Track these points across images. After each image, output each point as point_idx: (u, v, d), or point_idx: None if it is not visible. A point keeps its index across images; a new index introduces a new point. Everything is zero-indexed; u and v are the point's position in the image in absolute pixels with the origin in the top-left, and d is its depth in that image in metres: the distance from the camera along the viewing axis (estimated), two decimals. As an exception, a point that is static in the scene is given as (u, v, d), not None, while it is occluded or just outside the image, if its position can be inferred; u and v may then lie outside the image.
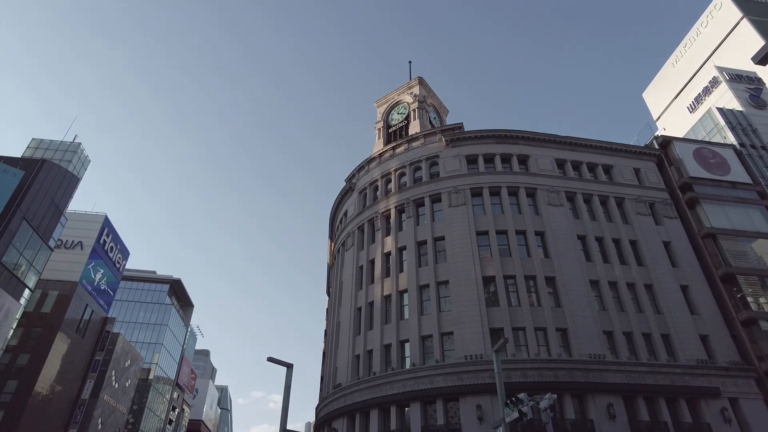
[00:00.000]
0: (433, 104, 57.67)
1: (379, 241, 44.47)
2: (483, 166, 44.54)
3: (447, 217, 41.55)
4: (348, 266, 47.35)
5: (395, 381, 34.92)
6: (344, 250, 49.66)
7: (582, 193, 43.93)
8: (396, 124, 55.19)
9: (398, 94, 57.79)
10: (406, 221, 43.69)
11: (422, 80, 56.63)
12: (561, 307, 36.04)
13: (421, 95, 55.22)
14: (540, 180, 43.63)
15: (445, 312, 36.60)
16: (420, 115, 52.98)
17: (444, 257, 39.53)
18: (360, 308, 42.77)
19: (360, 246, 47.14)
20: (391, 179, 47.96)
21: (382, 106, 58.56)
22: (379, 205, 47.01)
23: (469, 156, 45.27)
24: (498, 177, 43.37)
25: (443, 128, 47.50)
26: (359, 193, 50.94)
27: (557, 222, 40.85)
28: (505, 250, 39.07)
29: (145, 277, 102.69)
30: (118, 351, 69.87)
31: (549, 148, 46.34)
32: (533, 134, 46.34)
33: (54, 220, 50.14)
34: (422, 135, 48.13)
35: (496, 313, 35.34)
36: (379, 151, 50.74)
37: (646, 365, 33.95)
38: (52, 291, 57.07)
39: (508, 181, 43.11)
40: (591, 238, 40.79)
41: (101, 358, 64.45)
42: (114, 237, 68.91)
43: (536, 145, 46.27)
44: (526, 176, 43.77)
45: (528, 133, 46.28)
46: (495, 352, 21.17)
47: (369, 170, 51.21)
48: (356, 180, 52.54)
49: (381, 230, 45.15)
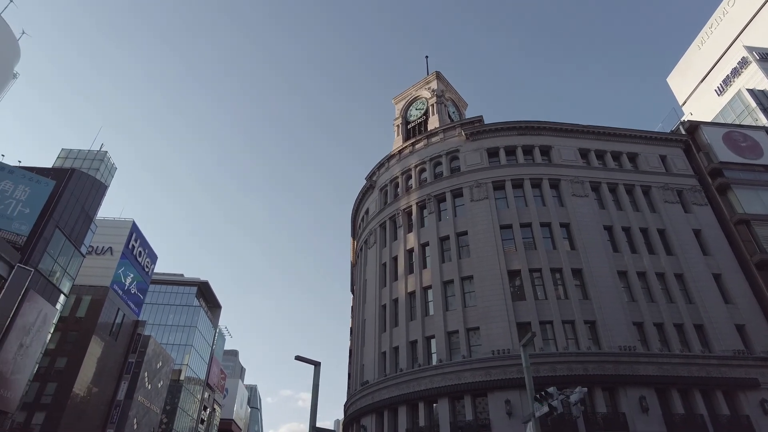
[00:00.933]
0: (452, 98, 57.30)
1: (402, 238, 44.43)
2: (504, 158, 44.05)
3: (469, 211, 41.27)
4: (371, 264, 47.49)
5: (422, 377, 34.89)
6: (367, 248, 49.80)
7: (607, 183, 43.15)
8: (415, 120, 55.04)
9: (416, 90, 57.52)
10: (428, 217, 43.53)
11: (440, 75, 56.24)
12: (589, 299, 35.51)
13: (439, 90, 54.81)
14: (563, 171, 43.02)
15: (470, 307, 36.41)
16: (438, 109, 52.60)
17: (467, 252, 39.35)
18: (384, 305, 42.91)
19: (382, 243, 47.21)
20: (412, 175, 47.81)
21: (400, 103, 58.36)
22: (400, 202, 46.92)
23: (489, 149, 44.82)
24: (520, 169, 42.85)
25: (462, 122, 47.19)
26: (380, 191, 50.99)
27: (582, 213, 40.28)
28: (529, 243, 38.68)
29: (173, 280, 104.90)
30: (150, 353, 71.65)
31: (572, 138, 45.62)
32: (555, 124, 45.69)
33: (85, 227, 51.65)
34: (441, 130, 47.81)
35: (523, 307, 35.02)
36: (399, 148, 50.56)
37: (679, 357, 33.24)
38: (85, 296, 58.79)
39: (531, 173, 42.61)
40: (617, 229, 40.11)
41: (134, 360, 66.19)
42: (142, 242, 70.51)
43: (559, 136, 45.59)
44: (549, 167, 43.20)
45: (550, 124, 45.64)
46: (522, 347, 21.01)
47: (389, 167, 51.15)
48: (376, 177, 52.55)
49: (403, 227, 45.09)
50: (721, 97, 66.55)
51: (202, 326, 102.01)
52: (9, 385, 39.97)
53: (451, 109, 55.62)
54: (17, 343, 40.94)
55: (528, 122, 45.49)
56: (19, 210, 43.40)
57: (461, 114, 58.37)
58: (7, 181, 44.15)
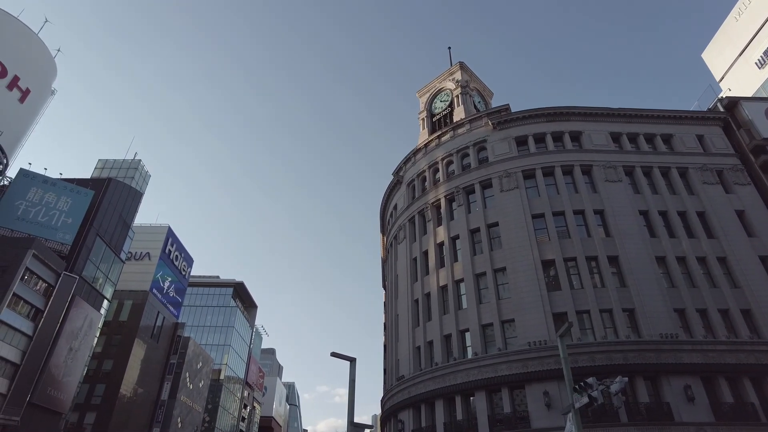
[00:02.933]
0: (477, 88, 56.94)
1: (431, 232, 44.52)
2: (534, 146, 43.68)
3: (499, 202, 41.13)
4: (402, 259, 47.71)
5: (458, 371, 35.00)
6: (396, 244, 50.01)
7: (641, 167, 42.33)
8: (440, 113, 54.96)
9: (440, 82, 57.30)
10: (457, 210, 43.58)
11: (463, 65, 55.94)
12: (626, 286, 35.12)
13: (464, 80, 54.59)
14: (595, 156, 42.38)
15: (504, 299, 36.48)
16: (464, 100, 52.33)
17: (499, 243, 39.30)
18: (417, 300, 43.10)
19: (412, 238, 47.32)
20: (439, 168, 47.78)
21: (424, 96, 58.26)
22: (428, 196, 46.96)
23: (518, 138, 44.50)
24: (550, 157, 42.44)
25: (489, 111, 46.99)
26: (407, 186, 51.07)
27: (616, 198, 39.67)
28: (563, 231, 38.49)
29: (210, 282, 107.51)
30: (190, 354, 73.87)
31: (602, 122, 44.81)
32: (584, 109, 44.96)
33: (123, 234, 53.73)
34: (467, 120, 47.61)
35: (558, 297, 34.89)
36: (425, 141, 50.55)
37: (725, 343, 32.31)
38: (126, 300, 61.11)
39: (562, 160, 42.15)
40: (654, 213, 39.41)
41: (175, 362, 68.37)
42: (178, 246, 72.67)
43: (589, 120, 44.83)
44: (580, 153, 42.66)
45: (579, 108, 44.94)
46: (560, 337, 20.83)
47: (415, 162, 51.19)
48: (403, 173, 52.68)
49: (432, 221, 45.15)
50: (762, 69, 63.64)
51: (239, 326, 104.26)
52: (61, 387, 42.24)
53: (476, 99, 55.32)
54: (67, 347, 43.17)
55: (556, 108, 44.83)
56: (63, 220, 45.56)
57: (487, 103, 58.00)
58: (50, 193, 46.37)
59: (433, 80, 58.24)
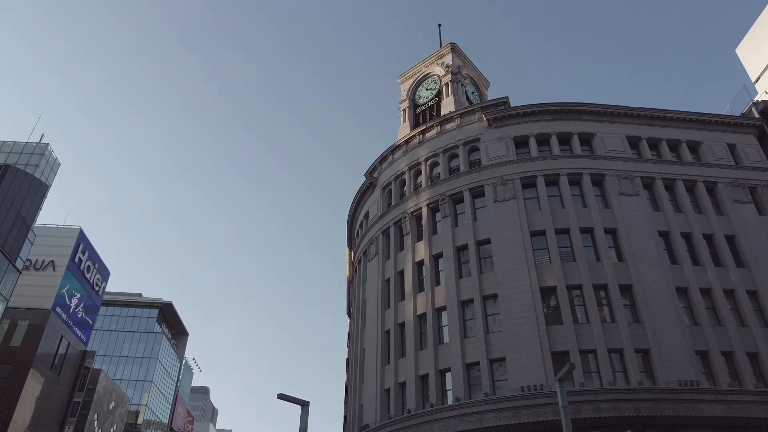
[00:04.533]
0: (470, 76, 57.14)
1: (409, 248, 44.24)
2: (536, 149, 43.72)
3: (492, 214, 40.94)
4: (372, 280, 47.29)
5: (435, 420, 34.42)
6: (366, 261, 49.67)
7: (662, 179, 42.86)
8: (425, 103, 54.84)
9: (426, 66, 57.47)
10: (442, 222, 43.35)
11: (455, 47, 55.84)
12: (640, 322, 35.24)
13: (455, 65, 54.72)
14: (609, 164, 42.66)
15: (494, 333, 36.20)
16: (454, 89, 52.45)
17: (490, 265, 39.06)
18: (388, 331, 42.60)
19: (386, 254, 47.00)
20: (421, 171, 47.61)
21: (407, 82, 58.17)
22: (407, 204, 46.63)
23: (517, 138, 44.52)
24: (556, 162, 42.51)
25: (484, 104, 47.01)
26: (382, 190, 50.73)
27: (632, 216, 39.96)
28: (567, 253, 38.47)
29: (130, 300, 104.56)
30: (101, 391, 71.66)
31: (619, 124, 45.35)
32: (598, 107, 45.34)
33: (21, 236, 51.88)
34: (458, 114, 47.58)
35: (559, 332, 34.77)
36: (405, 137, 50.27)
37: (753, 393, 32.59)
38: (21, 321, 58.73)
39: (569, 167, 42.29)
40: (676, 235, 39.85)
41: (81, 400, 66.12)
42: (91, 254, 70.67)
43: (603, 121, 45.26)
44: (591, 160, 42.91)
45: (592, 106, 45.31)
46: (559, 382, 20.85)
47: (393, 161, 50.90)
48: (378, 174, 52.22)
49: (411, 234, 44.89)
50: (804, 71, 65.69)
51: (164, 357, 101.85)
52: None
53: (469, 89, 55.20)
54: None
55: (565, 104, 45.03)
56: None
57: (482, 95, 57.98)
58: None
59: (418, 64, 58.34)
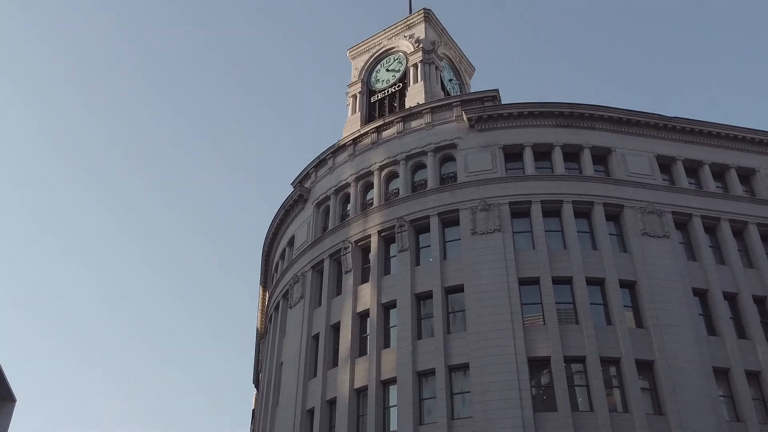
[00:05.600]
0: (449, 57, 57.09)
1: (350, 292, 42.62)
2: (533, 165, 42.68)
3: (468, 251, 39.53)
4: (293, 335, 46.17)
5: None
6: (287, 306, 48.51)
7: (702, 216, 41.71)
8: (384, 89, 54.81)
9: (389, 39, 56.93)
10: (398, 258, 41.88)
11: (431, 15, 55.52)
12: (663, 414, 33.93)
13: (429, 41, 53.97)
14: (630, 192, 41.51)
15: (461, 420, 34.75)
16: (425, 73, 51.66)
17: (462, 322, 37.87)
18: (312, 410, 41.02)
19: (315, 299, 45.71)
20: (374, 183, 46.24)
21: (360, 58, 57.83)
22: (350, 229, 45.31)
23: (508, 147, 43.44)
24: (559, 185, 41.60)
25: (465, 97, 46.27)
26: (317, 207, 49.59)
27: (659, 265, 38.81)
28: (567, 311, 37.40)
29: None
30: None
31: (647, 138, 44.46)
32: (621, 113, 44.39)
33: None
34: (428, 108, 46.19)
35: (551, 423, 33.42)
36: (354, 134, 48.81)
37: None
38: None
39: (576, 192, 41.17)
40: (716, 295, 38.51)
41: None
42: None
43: (625, 133, 44.29)
44: (606, 185, 41.86)
45: (612, 111, 44.29)
46: None
47: (334, 167, 49.47)
48: (311, 183, 51.14)
49: (353, 272, 43.43)
50: None
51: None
52: None
53: (446, 75, 55.11)
54: None
55: (575, 106, 43.85)
56: None
57: (464, 84, 58.31)
58: None
59: (377, 34, 57.91)
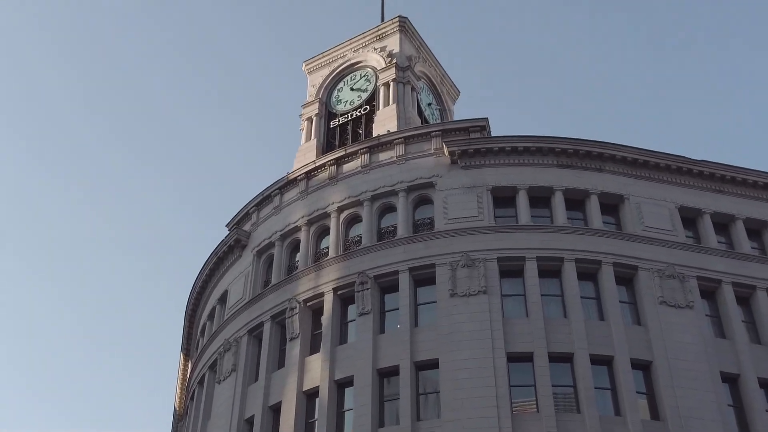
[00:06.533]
0: (428, 76, 57.58)
1: (295, 364, 41.26)
2: (527, 213, 42.26)
3: (446, 318, 38.52)
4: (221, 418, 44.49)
5: None
6: (215, 381, 47.53)
7: (734, 283, 41.17)
8: (347, 111, 54.76)
9: (355, 50, 57.09)
10: (358, 323, 40.70)
11: (407, 24, 55.74)
12: None
13: (404, 55, 54.07)
14: (647, 250, 40.99)
15: None
16: (399, 95, 51.57)
17: (435, 407, 37.05)
18: None
19: (251, 373, 44.33)
20: (330, 228, 45.14)
21: (320, 72, 57.84)
22: (299, 284, 44.13)
23: (498, 190, 43.03)
24: (559, 238, 41.10)
25: (447, 126, 46.45)
26: (257, 255, 48.40)
27: (680, 342, 38.19)
28: (566, 396, 36.69)
29: None
30: None
31: (666, 184, 44.38)
32: (636, 152, 44.33)
33: None
34: (401, 137, 45.73)
35: None
36: (308, 166, 47.86)
37: None
38: None
39: (581, 248, 40.57)
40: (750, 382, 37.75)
41: None
42: None
43: (641, 176, 44.18)
44: (617, 240, 41.37)
45: (626, 150, 44.17)
46: None
47: (281, 206, 48.36)
48: (251, 226, 50.01)
49: (300, 339, 42.09)
50: None
51: None
52: None
53: (425, 99, 55.62)
54: None
55: (580, 141, 43.80)
56: None
57: (446, 111, 58.89)
58: None
59: (341, 45, 57.88)
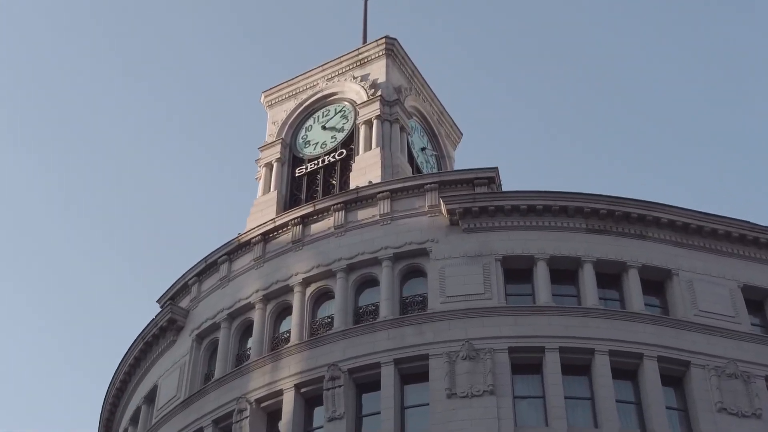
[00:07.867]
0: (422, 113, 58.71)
1: None
2: (548, 289, 41.80)
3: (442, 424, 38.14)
4: None
5: None
6: None
7: None
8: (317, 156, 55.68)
9: (328, 79, 57.88)
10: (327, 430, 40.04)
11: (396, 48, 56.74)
12: None
13: (392, 86, 54.85)
14: (700, 341, 40.90)
15: None
16: (385, 136, 52.18)
17: None
18: None
19: None
20: (293, 306, 44.74)
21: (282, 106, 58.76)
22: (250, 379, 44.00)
23: (510, 260, 42.82)
24: (587, 324, 40.75)
25: (446, 177, 47.10)
26: (197, 340, 47.87)
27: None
28: None
29: None
30: None
31: (726, 257, 44.49)
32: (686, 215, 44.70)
33: None
34: (386, 190, 45.81)
35: None
36: (266, 226, 47.92)
37: None
38: None
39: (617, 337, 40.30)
40: None
41: None
42: None
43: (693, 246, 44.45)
44: (663, 327, 40.90)
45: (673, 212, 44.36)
46: None
47: (229, 277, 48.08)
48: (190, 303, 49.73)
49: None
50: None
51: None
52: None
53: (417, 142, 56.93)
54: None
55: (615, 200, 43.88)
56: None
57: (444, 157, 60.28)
58: None
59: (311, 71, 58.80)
